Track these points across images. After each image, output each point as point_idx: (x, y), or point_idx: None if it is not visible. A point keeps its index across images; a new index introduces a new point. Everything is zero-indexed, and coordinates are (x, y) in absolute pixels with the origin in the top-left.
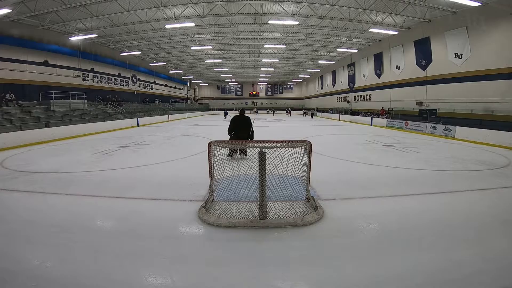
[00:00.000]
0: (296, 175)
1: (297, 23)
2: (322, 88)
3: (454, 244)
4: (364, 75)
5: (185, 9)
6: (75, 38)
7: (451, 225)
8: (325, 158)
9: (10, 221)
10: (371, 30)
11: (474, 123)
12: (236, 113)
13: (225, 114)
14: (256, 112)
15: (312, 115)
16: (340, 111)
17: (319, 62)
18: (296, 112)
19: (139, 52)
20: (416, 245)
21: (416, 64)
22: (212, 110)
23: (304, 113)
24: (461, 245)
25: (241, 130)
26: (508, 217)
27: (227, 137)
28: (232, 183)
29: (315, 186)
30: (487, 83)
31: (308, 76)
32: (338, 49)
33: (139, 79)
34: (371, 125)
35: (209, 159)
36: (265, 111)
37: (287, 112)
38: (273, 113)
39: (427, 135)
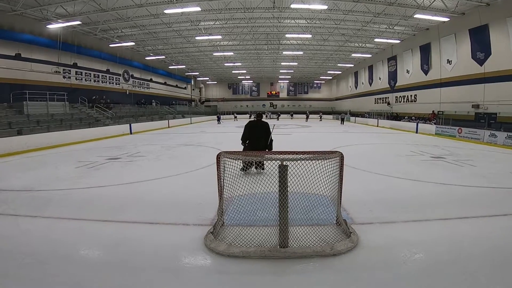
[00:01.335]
0: (324, 194)
1: (326, 7)
2: (356, 87)
3: None
4: (407, 71)
5: None
6: (54, 26)
7: None
8: (360, 172)
9: None
10: (417, 16)
11: None
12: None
13: (218, 118)
14: (266, 116)
15: (342, 120)
16: (379, 115)
17: (353, 55)
18: (325, 117)
19: (132, 43)
20: (471, 279)
21: (472, 57)
22: (222, 114)
23: (321, 118)
24: None
25: (257, 138)
26: None
27: (240, 147)
28: (247, 203)
29: (347, 207)
30: None
31: (339, 72)
32: (376, 40)
33: (132, 76)
34: (416, 132)
35: (218, 174)
36: (288, 115)
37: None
38: (278, 117)
39: (485, 145)
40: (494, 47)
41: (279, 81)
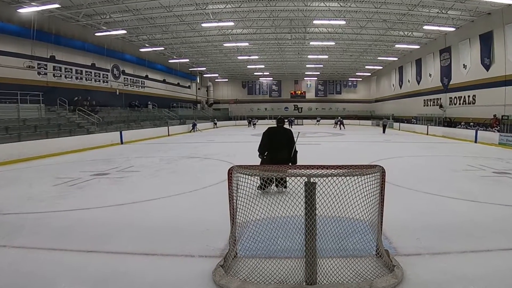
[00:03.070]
0: (361, 218)
1: None
2: (401, 86)
3: None
4: (464, 66)
5: None
6: (27, 11)
7: None
8: (405, 191)
9: None
10: None
11: None
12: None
13: (194, 125)
14: (284, 121)
15: (384, 127)
16: (429, 121)
17: (397, 46)
18: (363, 122)
19: (124, 32)
20: None
21: None
22: (234, 119)
23: (338, 123)
24: None
25: (278, 149)
26: None
27: (257, 160)
28: (265, 229)
29: (390, 235)
30: None
31: (380, 67)
32: (425, 27)
33: (123, 72)
34: (475, 141)
35: (229, 194)
36: (315, 121)
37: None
38: (290, 124)
39: None
40: None
41: (305, 78)
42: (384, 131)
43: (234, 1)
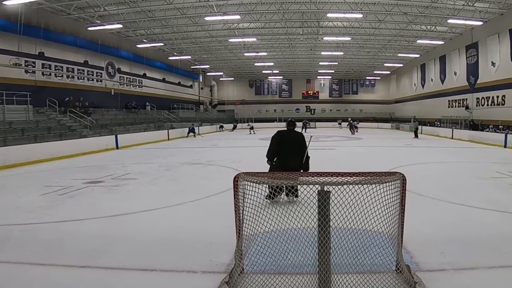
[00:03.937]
0: (379, 230)
1: None
2: (423, 86)
3: None
4: (493, 64)
5: None
6: (13, 2)
7: None
8: (428, 201)
9: None
10: None
11: None
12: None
13: (191, 130)
14: (295, 124)
15: (416, 130)
16: (454, 123)
17: (419, 41)
18: (381, 125)
19: (119, 26)
20: None
21: None
22: (240, 122)
23: (354, 126)
24: None
25: (289, 154)
26: None
27: (265, 167)
28: (274, 243)
29: (411, 248)
30: None
31: (400, 65)
32: (450, 21)
33: (119, 70)
34: (504, 146)
35: (235, 204)
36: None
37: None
38: (304, 127)
39: None
40: None
41: (318, 77)
42: (416, 135)
43: None
